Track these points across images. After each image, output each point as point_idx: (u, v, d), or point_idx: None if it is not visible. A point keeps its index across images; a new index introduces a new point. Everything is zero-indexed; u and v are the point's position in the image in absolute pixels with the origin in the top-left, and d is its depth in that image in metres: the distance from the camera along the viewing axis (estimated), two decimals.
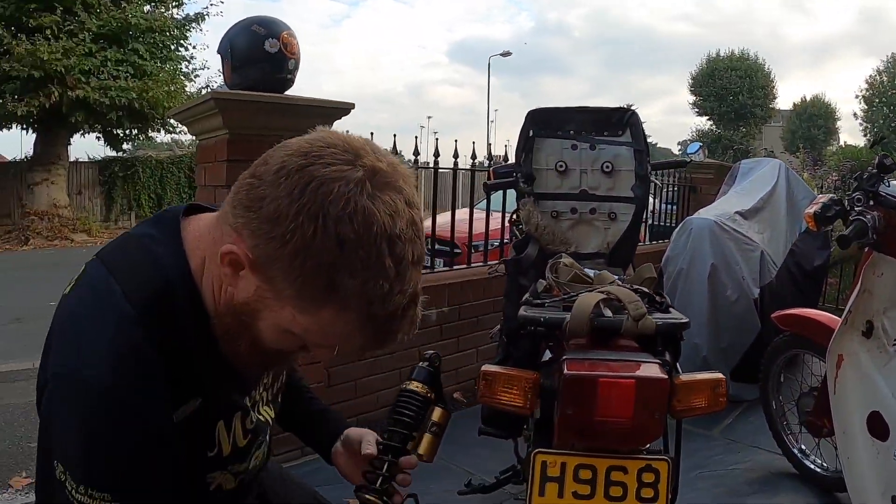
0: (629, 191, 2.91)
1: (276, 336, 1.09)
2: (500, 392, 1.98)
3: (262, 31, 3.32)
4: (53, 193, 19.17)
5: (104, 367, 1.05)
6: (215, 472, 1.31)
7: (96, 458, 1.06)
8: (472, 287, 4.70)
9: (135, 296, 1.10)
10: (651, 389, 1.71)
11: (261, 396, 1.38)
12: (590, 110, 3.03)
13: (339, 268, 0.97)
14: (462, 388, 4.72)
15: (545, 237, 2.86)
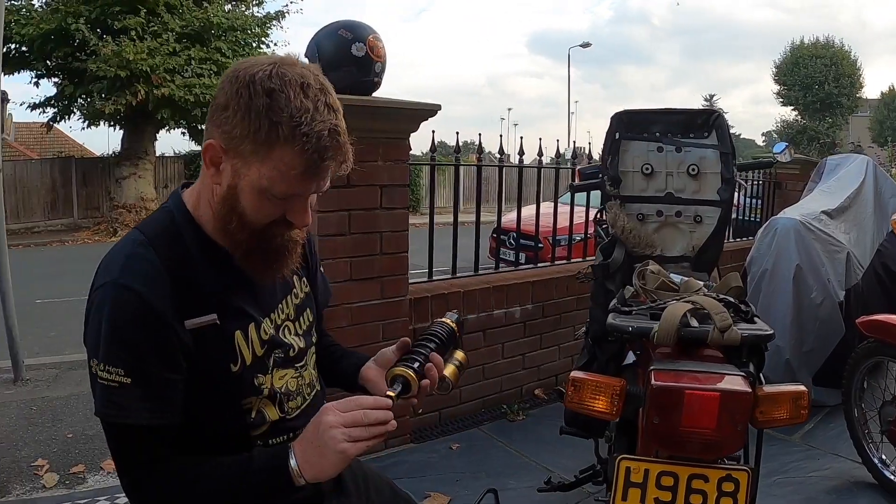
0: (715, 194, 2.88)
1: (256, 203, 1.35)
2: (587, 398, 2.01)
3: (348, 36, 3.39)
4: (141, 187, 19.83)
5: (117, 270, 1.36)
6: (250, 397, 1.49)
7: (110, 337, 1.33)
8: (556, 285, 4.74)
9: (147, 230, 1.45)
10: (735, 402, 1.74)
11: (285, 325, 1.59)
12: (676, 112, 3.02)
13: (272, 109, 1.26)
14: (543, 385, 4.77)
15: (631, 240, 2.88)
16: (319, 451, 1.32)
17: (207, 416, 1.48)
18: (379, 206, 3.55)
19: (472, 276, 4.58)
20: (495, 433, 4.14)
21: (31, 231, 19.91)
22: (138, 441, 1.38)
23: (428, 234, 4.30)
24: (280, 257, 1.46)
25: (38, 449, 4.18)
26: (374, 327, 3.65)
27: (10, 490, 3.64)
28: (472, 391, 4.36)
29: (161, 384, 1.36)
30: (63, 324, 8.24)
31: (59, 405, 5.00)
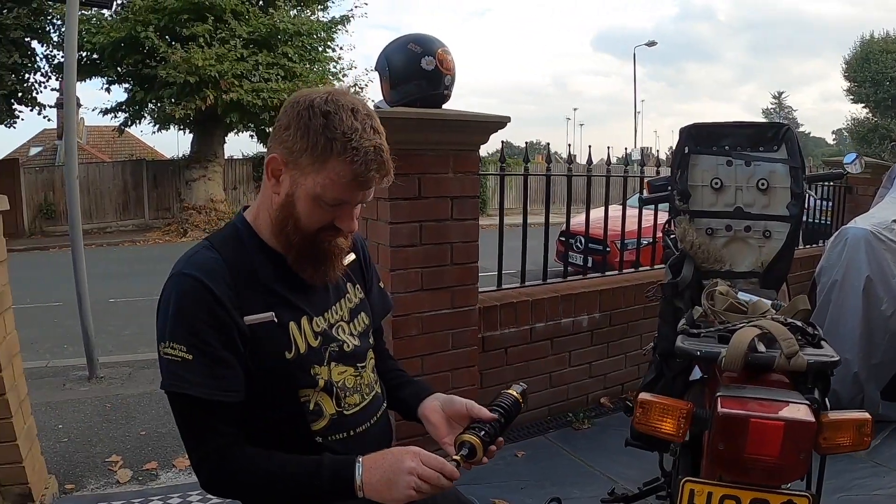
0: (784, 209, 2.85)
1: (309, 209, 1.54)
2: (655, 419, 2.05)
3: (418, 50, 3.43)
4: (210, 189, 20.31)
5: (182, 264, 1.57)
6: (306, 389, 1.62)
7: (173, 318, 1.51)
8: (623, 293, 4.74)
9: (213, 237, 1.66)
10: (798, 431, 1.76)
11: (339, 324, 1.73)
12: (745, 125, 2.99)
13: (328, 128, 1.47)
14: (609, 394, 4.77)
15: (700, 255, 2.86)
16: (388, 483, 1.48)
17: (268, 408, 1.60)
18: (450, 217, 3.59)
19: (541, 284, 4.60)
20: (560, 441, 4.15)
21: (104, 231, 20.53)
22: (199, 415, 1.52)
23: (498, 241, 4.33)
24: (327, 261, 1.63)
25: (112, 445, 4.32)
26: (443, 336, 3.68)
27: (86, 484, 3.76)
28: (538, 399, 4.38)
29: (218, 362, 1.51)
30: (136, 322, 8.48)
31: (132, 403, 5.15)
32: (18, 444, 3.24)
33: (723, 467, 1.83)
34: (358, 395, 1.71)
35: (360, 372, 1.73)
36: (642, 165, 5.22)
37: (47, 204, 20.82)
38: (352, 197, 1.54)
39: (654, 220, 5.08)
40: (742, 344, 1.94)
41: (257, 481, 1.53)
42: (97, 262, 11.93)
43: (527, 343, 4.24)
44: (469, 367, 3.81)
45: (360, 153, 1.46)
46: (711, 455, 1.83)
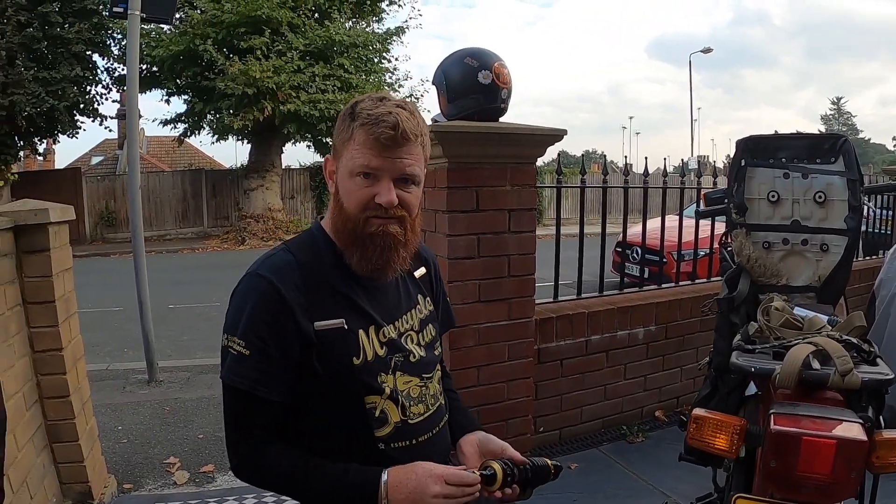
0: (842, 222, 2.82)
1: (348, 186, 1.60)
2: (708, 435, 2.06)
3: (474, 64, 3.45)
4: (268, 198, 20.63)
5: (257, 265, 1.64)
6: (373, 396, 1.64)
7: (238, 314, 1.58)
8: (679, 306, 4.70)
9: (290, 241, 1.73)
10: (851, 450, 1.75)
11: (408, 334, 1.75)
12: (802, 137, 2.96)
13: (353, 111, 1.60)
14: (663, 407, 4.74)
15: (756, 269, 2.84)
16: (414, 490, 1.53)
17: (333, 413, 1.63)
18: (507, 229, 3.60)
19: (597, 296, 4.60)
20: (614, 454, 4.13)
21: (164, 238, 21.00)
22: (241, 406, 1.59)
23: (554, 253, 4.33)
24: (377, 247, 1.63)
25: (171, 447, 4.41)
26: (500, 347, 3.70)
27: (144, 485, 3.85)
28: (592, 411, 4.37)
29: (270, 361, 1.57)
30: (194, 328, 8.60)
31: (190, 407, 5.26)
32: (80, 444, 3.33)
33: (775, 484, 1.83)
34: (423, 406, 1.73)
35: (426, 383, 1.75)
36: (699, 176, 5.15)
37: (108, 211, 21.40)
38: (378, 161, 1.57)
39: (711, 230, 5.03)
40: (796, 361, 1.94)
41: (282, 481, 1.60)
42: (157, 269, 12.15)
43: (582, 355, 4.24)
44: (525, 379, 3.82)
45: (375, 117, 1.54)
46: (764, 472, 1.83)
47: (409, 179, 1.60)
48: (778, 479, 1.82)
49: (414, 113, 1.60)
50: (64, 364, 3.25)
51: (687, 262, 5.36)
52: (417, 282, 1.84)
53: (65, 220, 3.40)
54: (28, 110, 17.23)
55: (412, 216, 1.64)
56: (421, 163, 1.63)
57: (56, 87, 17.71)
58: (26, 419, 3.04)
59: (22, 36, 17.00)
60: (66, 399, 3.28)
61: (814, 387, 1.97)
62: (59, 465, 3.32)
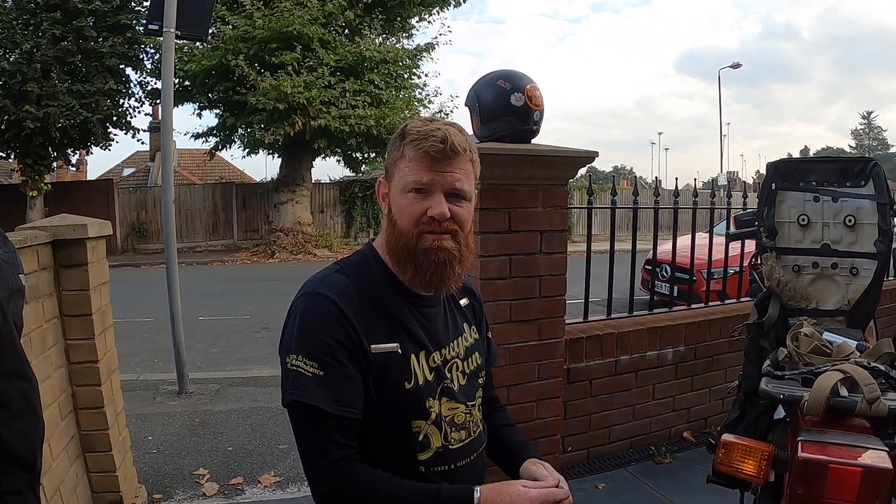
0: (871, 245, 2.81)
1: (401, 204, 1.62)
2: (737, 460, 2.08)
3: (507, 86, 3.46)
4: (298, 212, 20.79)
5: (315, 284, 1.65)
6: (419, 420, 1.66)
7: (307, 334, 1.58)
8: (709, 327, 4.69)
9: (343, 263, 1.73)
10: (876, 478, 1.76)
11: (453, 361, 1.77)
12: (832, 160, 2.97)
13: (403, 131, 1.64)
14: (692, 428, 4.73)
15: (786, 293, 2.84)
16: None
17: (380, 434, 1.64)
18: (538, 250, 3.62)
19: (627, 317, 4.61)
20: (641, 475, 4.13)
21: (194, 250, 21.22)
22: (323, 428, 1.57)
23: (585, 273, 4.36)
24: (431, 263, 1.64)
25: (200, 459, 4.46)
26: (529, 367, 3.71)
27: (173, 495, 3.90)
28: (620, 431, 4.37)
29: (346, 379, 1.57)
30: (224, 340, 8.71)
31: (220, 419, 5.31)
32: (113, 455, 3.39)
33: None
34: (464, 432, 1.75)
35: (470, 410, 1.78)
36: (729, 196, 5.13)
37: (140, 223, 21.66)
38: (429, 178, 1.59)
39: (742, 248, 5.02)
40: (825, 389, 1.95)
41: (374, 498, 1.57)
42: (187, 281, 12.18)
43: (611, 375, 4.25)
44: (554, 399, 3.82)
45: (425, 133, 1.58)
46: (790, 498, 1.85)
47: (459, 195, 1.62)
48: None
49: (462, 132, 1.63)
50: (99, 376, 3.30)
51: (717, 280, 5.33)
52: (463, 310, 1.86)
53: (102, 236, 3.47)
54: (62, 122, 17.58)
55: (465, 231, 1.66)
56: (471, 179, 1.65)
57: (90, 100, 18.03)
58: (61, 429, 3.09)
59: (57, 49, 17.34)
60: (101, 410, 3.33)
61: (841, 414, 1.97)
62: (91, 474, 3.37)
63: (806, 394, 1.98)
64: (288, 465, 4.37)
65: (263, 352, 7.94)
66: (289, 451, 4.60)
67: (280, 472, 4.26)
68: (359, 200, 23.36)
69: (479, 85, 3.57)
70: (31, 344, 2.79)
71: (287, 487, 4.05)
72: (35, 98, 17.08)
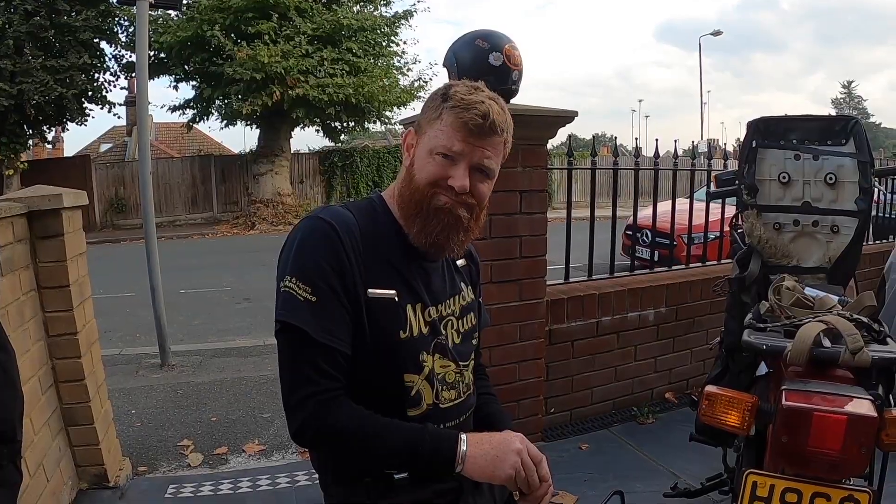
0: (852, 203, 2.81)
1: (423, 162, 1.61)
2: (720, 412, 2.06)
3: (485, 46, 3.43)
4: (277, 183, 20.69)
5: (318, 211, 1.63)
6: (412, 374, 1.64)
7: (303, 258, 1.56)
8: (690, 288, 4.70)
9: (350, 204, 1.71)
10: (861, 426, 1.75)
11: (448, 319, 1.75)
12: (813, 119, 2.95)
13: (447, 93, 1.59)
14: (674, 389, 4.75)
15: (767, 251, 2.84)
16: (494, 459, 1.52)
17: (371, 388, 1.61)
18: (518, 210, 3.60)
19: (608, 278, 4.60)
20: (624, 435, 4.15)
21: (173, 224, 21.07)
22: (310, 355, 1.53)
23: (565, 235, 4.32)
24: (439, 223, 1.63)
25: (184, 430, 4.46)
26: (511, 328, 3.71)
27: (158, 467, 3.89)
28: (602, 392, 4.39)
29: (337, 309, 1.55)
30: (206, 312, 8.67)
31: (203, 390, 5.30)
32: (96, 427, 3.36)
33: (785, 460, 1.83)
34: (455, 392, 1.73)
35: (462, 370, 1.76)
36: (709, 158, 5.13)
37: (118, 198, 21.46)
38: (460, 149, 1.57)
39: (722, 213, 5.02)
40: (807, 339, 1.94)
41: (357, 435, 1.54)
42: (166, 255, 12.06)
43: (593, 336, 4.25)
44: (536, 360, 3.83)
45: (470, 105, 1.54)
46: (774, 448, 1.84)
47: (484, 171, 1.61)
48: (788, 455, 1.82)
49: (504, 109, 1.61)
50: (79, 348, 3.27)
51: (697, 245, 5.34)
52: (461, 271, 1.85)
53: (78, 206, 3.42)
54: (37, 99, 17.23)
55: (480, 208, 1.66)
56: (499, 158, 1.65)
57: (64, 75, 17.71)
58: (41, 403, 3.06)
59: (29, 25, 17.00)
60: (81, 382, 3.30)
61: (824, 364, 1.96)
62: (74, 448, 3.35)
63: (789, 344, 1.97)
64: (272, 433, 4.37)
65: (245, 322, 7.89)
66: (272, 419, 4.60)
67: (264, 441, 4.27)
68: (339, 170, 23.15)
69: (457, 45, 3.54)
70: (9, 317, 2.75)
71: (272, 456, 4.06)
72: (8, 75, 16.78)
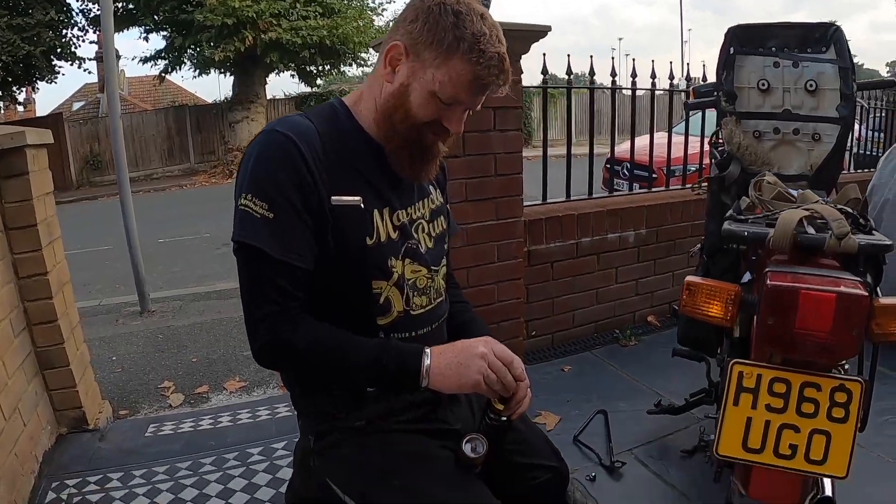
0: (834, 111, 2.74)
1: (423, 102, 1.52)
2: (702, 303, 1.97)
3: None
4: (254, 130, 20.35)
5: (274, 124, 1.54)
6: (380, 281, 1.59)
7: (258, 172, 1.48)
8: (670, 210, 4.65)
9: (308, 111, 1.63)
10: (851, 305, 1.65)
11: (419, 223, 1.71)
12: (792, 25, 2.87)
13: (458, 26, 1.45)
14: (656, 312, 4.73)
15: (747, 157, 2.77)
16: (458, 366, 1.49)
17: (338, 297, 1.57)
18: (492, 127, 3.53)
19: (586, 199, 4.53)
20: (606, 357, 4.13)
21: (150, 178, 20.83)
22: (268, 273, 1.48)
23: (542, 158, 4.26)
24: (425, 158, 1.61)
25: (165, 373, 4.42)
26: (488, 248, 3.65)
27: (140, 409, 3.85)
28: (584, 315, 4.36)
29: (297, 224, 1.48)
30: (185, 260, 8.58)
31: (183, 333, 5.27)
32: (72, 369, 3.31)
33: (771, 344, 1.74)
34: (426, 298, 1.69)
35: (433, 276, 1.71)
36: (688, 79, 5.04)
37: (93, 155, 21.12)
38: (468, 99, 1.53)
39: (701, 147, 4.96)
40: (790, 222, 1.85)
41: (318, 352, 1.50)
42: (144, 208, 12.05)
43: (572, 258, 4.20)
44: (514, 280, 3.78)
45: (486, 57, 1.46)
46: (760, 333, 1.75)
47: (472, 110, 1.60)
48: (775, 339, 1.73)
49: (505, 43, 1.54)
50: (50, 288, 3.20)
51: (677, 177, 5.29)
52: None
53: (43, 143, 3.33)
54: (4, 58, 16.96)
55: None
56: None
57: (31, 33, 17.37)
58: (14, 346, 3.00)
59: None
60: (55, 324, 3.24)
61: (809, 251, 1.88)
62: (51, 392, 3.30)
63: (771, 231, 1.89)
64: (253, 369, 4.34)
65: (224, 267, 7.84)
66: None
67: (245, 377, 4.24)
68: None
69: None
70: None
71: (253, 392, 4.03)
72: None
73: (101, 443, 3.21)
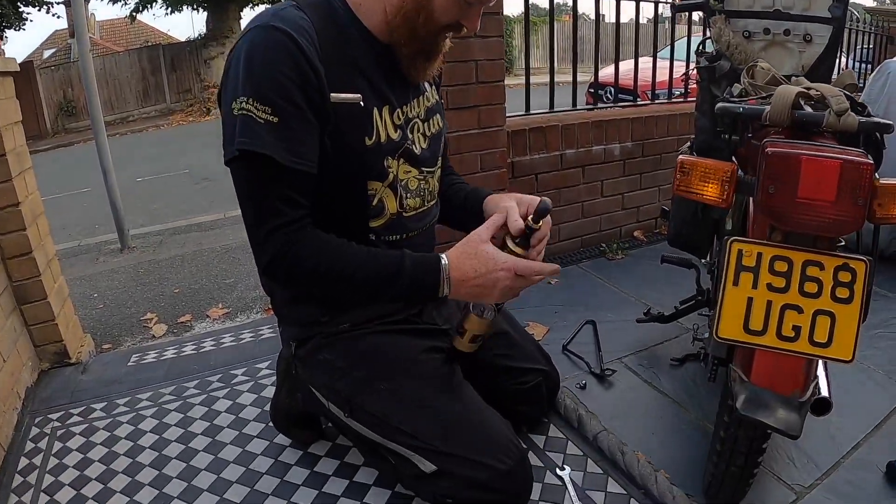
0: (826, 10, 2.65)
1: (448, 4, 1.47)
2: (696, 184, 1.88)
3: None
4: None
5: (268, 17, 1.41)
6: (375, 182, 1.55)
7: (260, 74, 1.37)
8: (656, 123, 4.54)
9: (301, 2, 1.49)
10: (855, 172, 1.56)
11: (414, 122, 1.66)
12: None
13: None
14: (642, 227, 4.69)
15: (737, 56, 2.67)
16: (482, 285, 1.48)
17: (331, 198, 1.51)
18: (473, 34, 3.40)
19: (570, 111, 4.43)
20: (594, 270, 4.08)
21: (126, 120, 20.52)
22: (275, 183, 1.40)
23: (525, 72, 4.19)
24: (435, 58, 1.59)
25: (147, 305, 4.36)
26: (472, 157, 3.58)
27: (122, 342, 3.80)
28: (570, 230, 4.31)
29: (304, 126, 1.40)
30: (163, 196, 8.47)
31: (164, 266, 5.21)
32: (50, 302, 3.23)
33: (772, 216, 1.64)
34: (419, 199, 1.66)
35: (426, 177, 1.67)
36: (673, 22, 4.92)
37: (67, 101, 20.70)
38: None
39: (686, 69, 4.86)
40: (788, 96, 1.76)
41: (332, 263, 1.44)
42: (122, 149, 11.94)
43: (557, 170, 4.12)
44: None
45: None
46: (760, 204, 1.65)
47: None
48: (775, 210, 1.63)
49: None
50: (23, 220, 3.10)
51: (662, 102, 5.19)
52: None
53: (8, 71, 3.22)
54: None
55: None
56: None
57: None
58: None
59: None
60: (30, 256, 3.15)
61: (807, 128, 1.78)
62: (30, 327, 3.22)
63: (767, 107, 1.79)
64: (235, 296, 4.30)
65: (206, 201, 7.75)
66: (235, 284, 4.55)
67: (228, 304, 4.20)
68: None
69: None
70: None
71: (236, 317, 3.98)
72: None
73: (83, 375, 3.16)
